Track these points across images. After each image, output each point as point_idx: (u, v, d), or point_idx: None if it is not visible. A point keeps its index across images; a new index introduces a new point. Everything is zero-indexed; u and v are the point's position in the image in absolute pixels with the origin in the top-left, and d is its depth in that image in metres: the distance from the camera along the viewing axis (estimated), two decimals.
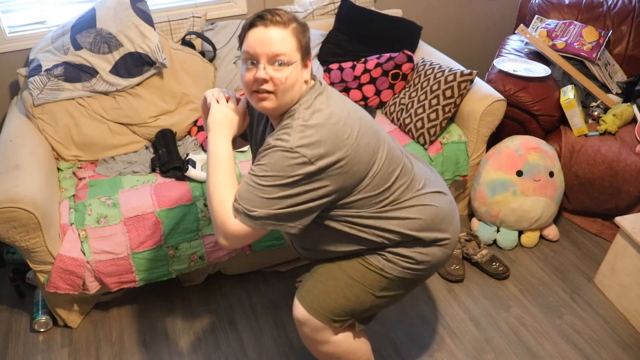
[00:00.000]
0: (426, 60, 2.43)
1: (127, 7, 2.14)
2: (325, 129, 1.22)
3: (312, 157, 1.20)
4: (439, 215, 1.42)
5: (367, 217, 1.35)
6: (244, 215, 1.24)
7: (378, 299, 1.45)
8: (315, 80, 1.33)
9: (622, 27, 2.63)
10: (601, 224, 2.43)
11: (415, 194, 1.40)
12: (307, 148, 1.20)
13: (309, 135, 1.21)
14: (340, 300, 1.42)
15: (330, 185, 1.24)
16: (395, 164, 1.35)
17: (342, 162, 1.23)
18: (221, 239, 1.28)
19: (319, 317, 1.42)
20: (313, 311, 1.42)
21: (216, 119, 1.33)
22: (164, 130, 2.22)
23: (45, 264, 1.82)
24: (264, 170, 1.23)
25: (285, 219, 1.26)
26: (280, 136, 1.23)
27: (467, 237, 2.32)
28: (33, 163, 1.88)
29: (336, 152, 1.22)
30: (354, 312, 1.45)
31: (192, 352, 1.94)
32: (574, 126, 2.37)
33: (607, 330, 1.97)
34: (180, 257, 1.95)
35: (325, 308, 1.42)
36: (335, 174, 1.23)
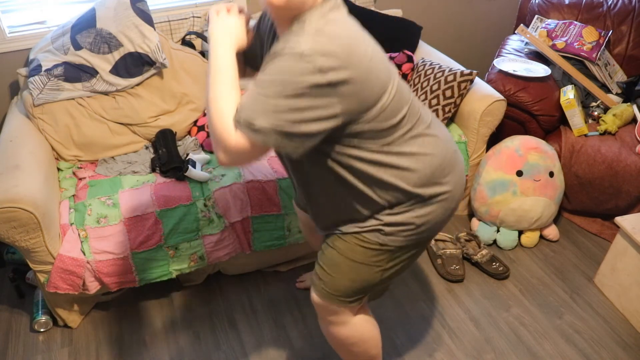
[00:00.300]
0: (426, 60, 2.43)
1: (127, 7, 2.14)
2: (341, 40, 1.12)
3: (325, 67, 1.09)
4: (440, 165, 1.33)
5: (367, 160, 1.27)
6: (246, 127, 1.14)
7: (387, 271, 1.41)
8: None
9: (622, 27, 2.63)
10: (601, 224, 2.43)
11: (422, 131, 1.32)
12: (321, 56, 1.09)
13: (324, 43, 1.10)
14: (348, 283, 1.40)
15: (338, 106, 1.14)
16: (404, 101, 1.27)
17: (353, 81, 1.13)
18: (221, 154, 1.19)
19: (333, 301, 1.43)
20: (326, 296, 1.42)
21: (214, 31, 1.26)
22: (164, 130, 2.22)
23: (45, 264, 1.82)
24: (270, 77, 1.11)
25: (289, 137, 1.15)
26: (289, 41, 1.12)
27: (467, 237, 2.32)
28: (33, 163, 1.88)
29: (349, 68, 1.12)
30: (366, 289, 1.44)
31: (192, 352, 1.94)
32: (574, 126, 2.37)
33: (607, 330, 1.97)
34: (180, 257, 1.95)
35: (336, 292, 1.42)
36: (345, 93, 1.13)
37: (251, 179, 1.99)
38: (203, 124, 2.27)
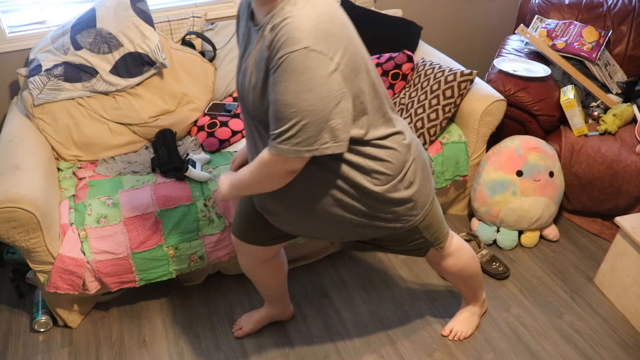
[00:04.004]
0: (426, 60, 2.43)
1: (127, 7, 2.14)
2: (335, 17, 1.15)
3: (331, 52, 1.13)
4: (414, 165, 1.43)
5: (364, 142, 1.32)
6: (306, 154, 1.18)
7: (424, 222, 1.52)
8: None
9: (622, 27, 2.63)
10: (601, 224, 2.43)
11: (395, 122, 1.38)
12: (325, 42, 1.11)
13: (322, 25, 1.12)
14: (436, 226, 1.57)
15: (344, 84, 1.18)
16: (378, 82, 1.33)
17: (346, 57, 1.16)
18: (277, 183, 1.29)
19: (441, 244, 1.63)
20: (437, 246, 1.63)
21: (222, 186, 1.43)
22: (164, 130, 2.22)
23: (45, 264, 1.82)
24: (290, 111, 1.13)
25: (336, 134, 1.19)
26: (281, 34, 1.12)
27: (467, 237, 2.32)
28: (33, 163, 1.88)
29: (344, 45, 1.15)
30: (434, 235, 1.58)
31: (192, 352, 1.94)
32: (574, 126, 2.37)
33: (607, 330, 1.97)
34: (180, 257, 1.95)
35: (437, 240, 1.61)
36: (346, 71, 1.17)
37: None
38: (203, 124, 2.27)
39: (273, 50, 1.14)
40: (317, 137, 1.16)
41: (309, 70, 1.10)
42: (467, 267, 1.75)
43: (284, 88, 1.12)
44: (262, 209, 1.53)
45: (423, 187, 1.46)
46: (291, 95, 1.12)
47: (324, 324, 2.04)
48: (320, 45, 1.11)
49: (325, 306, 2.11)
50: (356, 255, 2.34)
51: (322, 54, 1.11)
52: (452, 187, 2.43)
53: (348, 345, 1.96)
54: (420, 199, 1.46)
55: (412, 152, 1.42)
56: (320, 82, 1.12)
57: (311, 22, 1.11)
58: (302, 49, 1.09)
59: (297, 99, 1.12)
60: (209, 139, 2.19)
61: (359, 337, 1.98)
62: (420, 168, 1.45)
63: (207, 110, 2.33)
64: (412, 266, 2.28)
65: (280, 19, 1.14)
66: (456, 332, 1.95)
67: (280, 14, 1.15)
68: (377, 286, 2.19)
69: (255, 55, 1.23)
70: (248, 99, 1.27)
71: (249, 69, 1.25)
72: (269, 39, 1.16)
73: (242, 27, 1.35)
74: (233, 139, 2.22)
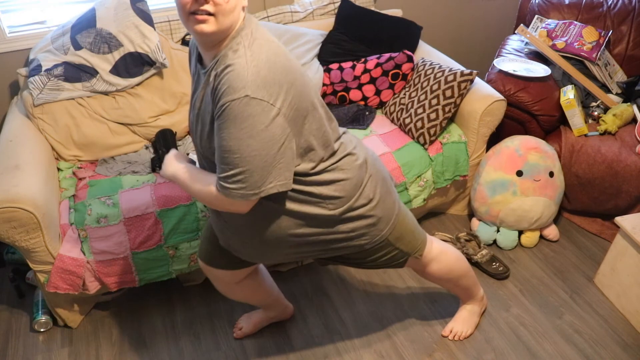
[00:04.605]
0: (426, 60, 2.43)
1: (127, 7, 2.14)
2: (275, 63, 1.18)
3: (272, 98, 1.16)
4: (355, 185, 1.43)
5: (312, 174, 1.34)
6: (251, 197, 1.22)
7: (393, 234, 1.52)
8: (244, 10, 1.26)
9: (622, 27, 2.63)
10: (601, 224, 2.43)
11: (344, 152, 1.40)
12: (265, 89, 1.14)
13: (261, 73, 1.15)
14: (409, 235, 1.57)
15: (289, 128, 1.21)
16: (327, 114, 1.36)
17: (289, 100, 1.19)
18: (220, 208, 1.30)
19: (419, 252, 1.62)
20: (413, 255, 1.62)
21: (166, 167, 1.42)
22: (164, 130, 2.22)
23: (45, 264, 1.82)
24: (234, 157, 1.17)
25: (282, 175, 1.23)
26: (223, 82, 1.15)
27: (467, 237, 2.32)
28: (33, 163, 1.88)
29: (285, 88, 1.18)
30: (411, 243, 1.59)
31: (192, 352, 1.94)
32: (574, 126, 2.37)
33: (607, 330, 1.97)
34: (180, 257, 1.95)
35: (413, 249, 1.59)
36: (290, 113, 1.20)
37: None
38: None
39: (216, 98, 1.18)
40: (262, 181, 1.20)
41: (250, 118, 1.13)
42: (453, 269, 1.74)
43: (227, 135, 1.15)
44: (219, 237, 1.55)
45: (385, 201, 1.46)
46: (234, 141, 1.15)
47: (324, 324, 2.04)
48: (261, 93, 1.14)
49: (325, 306, 2.11)
50: None
51: (263, 100, 1.14)
52: (452, 187, 2.43)
53: (348, 345, 1.96)
54: (384, 213, 1.46)
55: (368, 170, 1.43)
56: (262, 129, 1.15)
57: (250, 70, 1.14)
58: (243, 97, 1.12)
59: (240, 146, 1.15)
60: None
61: (359, 337, 1.98)
62: (380, 183, 1.46)
63: None
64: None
65: (223, 66, 1.17)
66: (456, 332, 1.95)
67: (223, 61, 1.19)
68: (377, 286, 2.19)
69: (202, 98, 1.27)
70: (197, 137, 1.32)
71: (197, 109, 1.29)
72: (213, 86, 1.19)
73: (192, 65, 1.39)
74: None
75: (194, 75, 1.35)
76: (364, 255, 1.55)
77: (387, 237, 1.50)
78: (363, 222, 1.44)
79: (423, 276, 1.75)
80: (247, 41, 1.19)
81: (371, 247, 1.50)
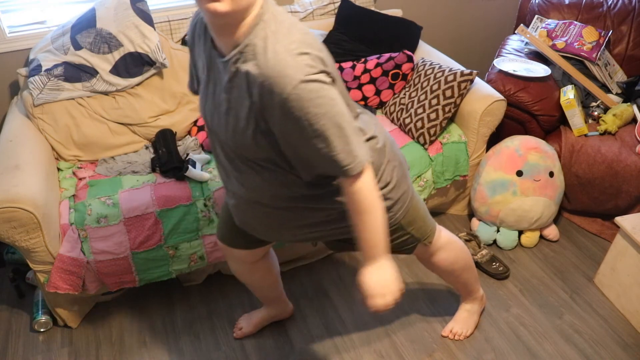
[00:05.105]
0: (426, 60, 2.43)
1: (127, 7, 2.14)
2: (307, 39, 1.11)
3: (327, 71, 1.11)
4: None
5: None
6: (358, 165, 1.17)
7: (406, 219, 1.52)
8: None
9: (622, 27, 2.63)
10: (601, 224, 2.43)
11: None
12: (312, 67, 1.08)
13: (303, 52, 1.08)
14: (419, 222, 1.56)
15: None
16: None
17: (330, 66, 1.15)
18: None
19: (429, 239, 1.61)
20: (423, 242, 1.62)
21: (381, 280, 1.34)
22: (164, 130, 2.22)
23: (45, 264, 1.82)
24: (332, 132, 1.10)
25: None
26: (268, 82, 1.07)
27: (467, 237, 2.32)
28: (33, 163, 1.88)
29: (322, 56, 1.13)
30: (420, 230, 1.58)
31: (192, 352, 1.94)
32: (574, 126, 2.37)
33: (607, 330, 1.97)
34: (180, 257, 1.95)
35: (423, 234, 1.59)
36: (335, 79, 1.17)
37: None
38: (203, 124, 2.26)
39: (263, 98, 1.10)
40: (359, 137, 1.18)
41: (320, 91, 1.08)
42: (458, 260, 1.74)
43: (309, 121, 1.09)
44: (239, 223, 1.54)
45: (400, 185, 1.46)
46: (321, 120, 1.09)
47: (324, 324, 2.04)
48: (311, 71, 1.08)
49: (325, 306, 2.11)
50: (356, 256, 2.34)
51: (318, 80, 1.09)
52: (452, 187, 2.43)
53: (348, 345, 1.96)
54: (399, 197, 1.46)
55: (386, 154, 1.42)
56: (333, 96, 1.11)
57: (291, 54, 1.07)
58: (299, 84, 1.06)
59: (328, 117, 1.09)
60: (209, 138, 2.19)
61: (359, 337, 1.98)
62: (397, 167, 1.46)
63: None
64: (412, 266, 2.28)
65: (256, 60, 1.09)
66: (456, 332, 1.95)
67: (253, 52, 1.10)
68: None
69: (229, 91, 1.19)
70: (226, 132, 1.24)
71: (224, 106, 1.21)
72: (249, 82, 1.12)
73: (199, 49, 1.28)
74: None
75: (206, 60, 1.25)
76: None
77: (400, 220, 1.50)
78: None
79: (428, 265, 1.75)
80: (273, 26, 1.10)
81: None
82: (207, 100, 1.28)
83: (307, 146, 1.14)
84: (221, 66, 1.19)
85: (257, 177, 1.31)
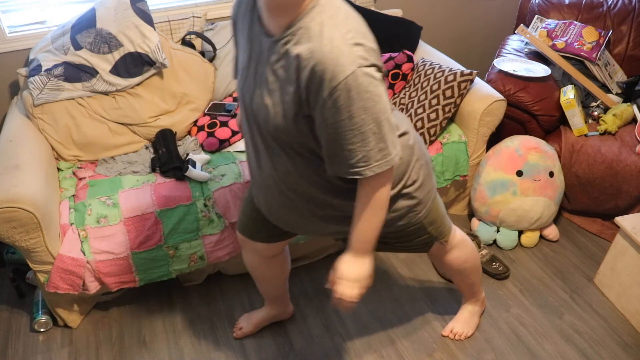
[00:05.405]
0: (426, 60, 2.43)
1: (127, 7, 2.14)
2: (362, 29, 1.09)
3: (378, 65, 1.10)
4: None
5: None
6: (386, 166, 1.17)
7: (428, 218, 1.51)
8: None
9: (622, 27, 2.63)
10: (601, 224, 2.43)
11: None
12: (366, 59, 1.07)
13: (359, 41, 1.07)
14: (438, 221, 1.56)
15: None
16: None
17: (379, 62, 1.14)
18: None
19: (444, 238, 1.61)
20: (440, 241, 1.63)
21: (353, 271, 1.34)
22: (164, 130, 2.22)
23: (45, 264, 1.82)
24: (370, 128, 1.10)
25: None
26: (322, 63, 1.05)
27: None
28: (33, 163, 1.88)
29: (375, 51, 1.12)
30: (438, 229, 1.57)
31: (192, 352, 1.94)
32: (574, 126, 2.37)
33: (607, 330, 1.97)
34: (180, 257, 1.95)
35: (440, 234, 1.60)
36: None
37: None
38: (203, 124, 2.27)
39: (313, 82, 1.09)
40: (395, 135, 1.17)
41: (369, 86, 1.08)
42: (469, 260, 1.75)
43: (355, 111, 1.08)
44: (266, 212, 1.53)
45: (426, 185, 1.46)
46: (362, 114, 1.09)
47: (324, 324, 2.04)
48: (365, 62, 1.07)
49: (325, 306, 2.11)
50: None
51: (370, 67, 1.08)
52: (452, 187, 2.43)
53: (348, 345, 1.96)
54: (424, 196, 1.46)
55: (415, 152, 1.41)
56: (380, 92, 1.10)
57: (347, 43, 1.06)
58: (356, 70, 1.05)
59: (370, 113, 1.09)
60: (209, 139, 2.19)
61: (359, 337, 1.98)
62: (424, 166, 1.45)
63: (207, 110, 2.33)
64: (412, 266, 2.28)
65: (310, 43, 1.08)
66: (456, 332, 1.95)
67: (307, 35, 1.09)
68: (377, 286, 2.19)
69: (275, 75, 1.17)
70: (266, 113, 1.21)
71: (268, 87, 1.19)
72: (298, 65, 1.10)
73: (243, 26, 1.27)
74: (233, 139, 2.22)
75: (249, 37, 1.23)
76: (398, 236, 1.53)
77: (422, 220, 1.50)
78: (405, 203, 1.42)
79: (440, 263, 1.75)
80: (329, 12, 1.09)
81: (405, 228, 1.49)
82: (247, 79, 1.25)
83: (342, 137, 1.12)
84: (268, 45, 1.16)
85: (290, 162, 1.29)
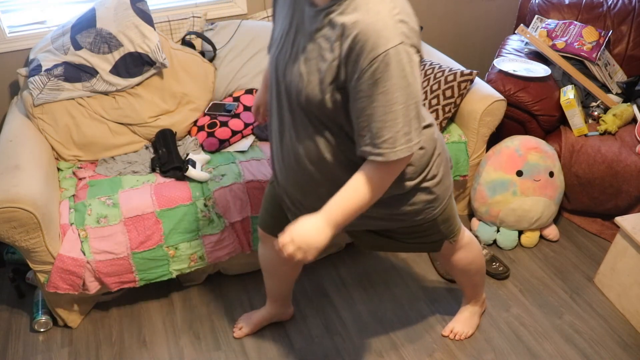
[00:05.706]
0: (426, 60, 2.43)
1: (127, 7, 2.14)
2: (407, 8, 1.10)
3: (418, 48, 1.11)
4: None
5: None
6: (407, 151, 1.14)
7: (442, 216, 1.51)
8: None
9: (622, 27, 2.63)
10: (601, 224, 2.43)
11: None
12: (408, 36, 1.07)
13: (403, 19, 1.07)
14: (451, 220, 1.56)
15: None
16: None
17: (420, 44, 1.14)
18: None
19: (455, 236, 1.62)
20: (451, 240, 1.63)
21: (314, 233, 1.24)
22: (164, 130, 2.22)
23: (45, 264, 1.82)
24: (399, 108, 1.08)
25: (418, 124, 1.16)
26: (364, 34, 1.05)
27: None
28: (33, 163, 1.88)
29: (418, 31, 1.12)
30: (449, 228, 1.57)
31: (192, 352, 1.94)
32: (574, 126, 2.37)
33: (607, 330, 1.97)
34: (180, 257, 1.95)
35: (452, 232, 1.60)
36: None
37: (251, 179, 1.99)
38: (203, 124, 2.26)
39: (353, 52, 1.09)
40: (419, 123, 1.15)
41: (407, 64, 1.08)
42: (475, 261, 1.76)
43: (389, 87, 1.08)
44: (288, 199, 1.50)
45: (444, 181, 1.45)
46: (396, 92, 1.08)
47: (324, 324, 2.04)
48: (407, 39, 1.08)
49: (325, 306, 2.11)
50: (356, 256, 2.34)
51: (411, 46, 1.09)
52: None
53: (348, 345, 1.96)
54: (441, 193, 1.45)
55: (437, 146, 1.41)
56: (416, 75, 1.10)
57: (393, 18, 1.07)
58: (397, 45, 1.06)
59: (403, 92, 1.09)
60: (209, 139, 2.19)
61: (359, 337, 1.98)
62: (444, 162, 1.45)
63: (207, 110, 2.33)
64: (412, 266, 2.28)
65: (356, 14, 1.08)
66: (456, 332, 1.95)
67: (353, 6, 1.10)
68: (377, 286, 2.19)
69: (315, 44, 1.16)
70: (300, 84, 1.20)
71: (306, 55, 1.18)
72: (341, 34, 1.10)
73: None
74: (233, 139, 2.22)
75: (289, 8, 1.24)
76: (411, 232, 1.52)
77: (437, 217, 1.49)
78: (424, 197, 1.41)
79: (447, 263, 1.75)
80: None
81: (420, 224, 1.48)
82: (284, 48, 1.25)
83: (372, 113, 1.11)
84: (311, 14, 1.17)
85: (317, 136, 1.27)
